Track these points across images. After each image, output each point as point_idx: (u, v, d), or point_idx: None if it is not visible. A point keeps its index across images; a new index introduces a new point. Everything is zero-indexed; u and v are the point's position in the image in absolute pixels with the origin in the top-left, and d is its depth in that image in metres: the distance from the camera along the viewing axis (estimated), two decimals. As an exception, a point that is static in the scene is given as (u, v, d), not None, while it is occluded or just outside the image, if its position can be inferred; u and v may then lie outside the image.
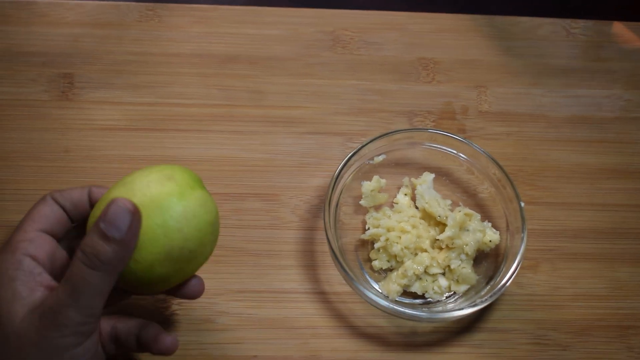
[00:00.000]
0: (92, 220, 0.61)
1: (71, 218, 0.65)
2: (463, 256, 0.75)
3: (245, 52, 0.89)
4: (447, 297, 0.76)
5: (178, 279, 0.63)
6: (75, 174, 0.81)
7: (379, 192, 0.80)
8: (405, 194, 0.81)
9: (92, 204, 0.65)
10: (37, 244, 0.61)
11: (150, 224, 0.58)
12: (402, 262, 0.75)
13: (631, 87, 0.91)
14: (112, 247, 0.55)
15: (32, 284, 0.59)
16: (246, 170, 0.82)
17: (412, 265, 0.74)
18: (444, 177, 0.82)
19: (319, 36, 0.91)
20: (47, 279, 0.60)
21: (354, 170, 0.79)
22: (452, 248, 0.76)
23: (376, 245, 0.76)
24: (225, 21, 0.91)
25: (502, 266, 0.75)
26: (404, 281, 0.74)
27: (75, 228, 0.66)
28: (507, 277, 0.72)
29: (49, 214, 0.63)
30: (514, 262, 0.72)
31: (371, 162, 0.80)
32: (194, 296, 0.66)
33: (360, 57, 0.90)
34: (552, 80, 0.91)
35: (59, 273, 0.62)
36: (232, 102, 0.86)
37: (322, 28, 0.92)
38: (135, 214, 0.56)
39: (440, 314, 0.71)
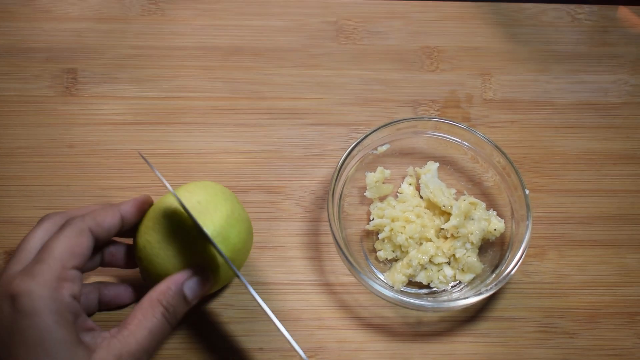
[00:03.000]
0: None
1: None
2: (468, 245, 0.75)
3: (248, 43, 0.89)
4: (452, 287, 0.76)
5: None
6: (80, 169, 0.81)
7: (384, 182, 0.80)
8: (410, 184, 0.81)
9: (124, 225, 0.67)
10: (77, 283, 0.61)
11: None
12: (406, 252, 0.75)
13: (637, 72, 0.90)
14: (186, 308, 0.63)
15: (81, 329, 0.59)
16: (250, 163, 0.82)
17: (416, 255, 0.74)
18: (449, 166, 0.82)
19: (322, 26, 0.91)
20: (89, 322, 0.61)
21: (357, 161, 0.79)
22: (457, 237, 0.75)
23: (380, 236, 0.76)
24: (229, 13, 0.91)
25: (507, 254, 0.75)
26: (409, 271, 0.74)
27: None
28: (513, 265, 0.71)
29: (86, 250, 0.63)
30: (519, 250, 0.72)
31: (375, 152, 0.80)
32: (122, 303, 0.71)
33: (364, 47, 0.90)
34: (557, 66, 0.90)
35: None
36: (236, 94, 0.86)
37: (325, 18, 0.91)
38: (208, 284, 0.65)
39: (446, 303, 0.71)
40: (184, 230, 0.64)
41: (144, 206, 0.69)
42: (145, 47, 0.88)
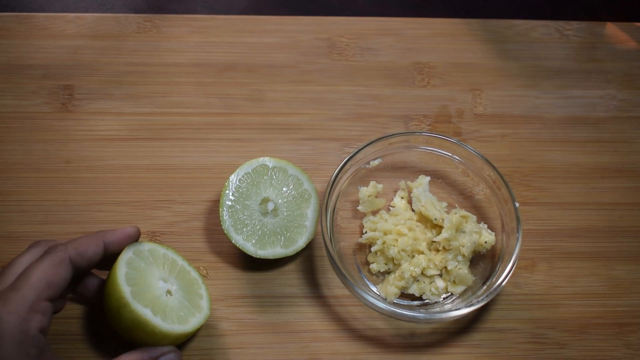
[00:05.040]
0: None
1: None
2: (459, 257, 0.76)
3: (242, 60, 0.90)
4: (444, 298, 0.77)
5: None
6: (76, 185, 0.82)
7: (376, 197, 0.81)
8: (402, 197, 0.82)
9: (106, 253, 0.67)
10: (48, 316, 0.62)
11: None
12: (399, 265, 0.76)
13: (625, 87, 0.91)
14: None
15: None
16: (245, 177, 0.83)
17: (409, 267, 0.75)
18: (440, 179, 0.83)
19: (315, 43, 0.92)
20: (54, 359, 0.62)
21: (350, 175, 0.80)
22: (448, 250, 0.76)
23: (373, 249, 0.77)
24: (223, 30, 0.92)
25: (498, 266, 0.76)
26: (402, 283, 0.75)
27: None
28: (503, 276, 0.73)
29: (63, 281, 0.63)
30: (509, 262, 0.73)
31: (367, 166, 0.81)
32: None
33: (356, 64, 0.91)
34: (546, 81, 0.91)
35: None
36: (230, 110, 0.87)
37: (318, 35, 0.93)
38: None
39: (438, 314, 0.72)
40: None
41: (130, 240, 0.69)
42: (140, 63, 0.89)
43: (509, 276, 0.73)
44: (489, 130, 0.88)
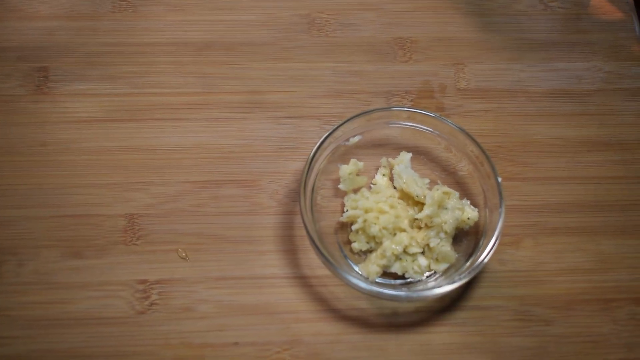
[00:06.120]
0: None
1: None
2: (442, 234, 0.75)
3: (220, 38, 0.89)
4: (427, 277, 0.76)
5: None
6: (52, 168, 0.81)
7: (357, 174, 0.79)
8: (384, 175, 0.80)
9: None
10: None
11: None
12: (380, 243, 0.75)
13: (611, 58, 0.90)
14: None
15: None
16: (223, 157, 0.82)
17: (390, 246, 0.74)
18: (422, 156, 0.82)
19: (294, 19, 0.91)
20: None
21: (330, 153, 0.78)
22: (430, 227, 0.75)
23: (354, 227, 0.76)
24: (201, 8, 0.91)
25: (481, 243, 0.74)
26: (383, 262, 0.74)
27: None
28: (486, 253, 0.71)
29: None
30: (492, 238, 0.72)
31: (347, 143, 0.80)
32: None
33: (337, 39, 0.90)
34: (531, 54, 0.90)
35: None
36: (208, 89, 0.86)
37: (297, 11, 0.91)
38: None
39: (420, 292, 0.71)
40: None
41: None
42: (116, 43, 0.88)
43: (491, 252, 0.71)
44: (473, 105, 0.86)
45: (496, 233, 0.72)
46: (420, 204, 0.77)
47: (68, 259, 0.76)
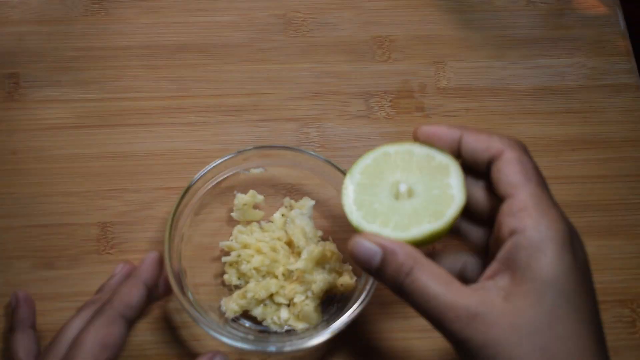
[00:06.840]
0: None
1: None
2: (309, 293, 0.70)
3: (194, 40, 0.87)
4: (286, 331, 0.71)
5: None
6: (23, 176, 0.79)
7: (255, 207, 0.76)
8: (282, 215, 0.76)
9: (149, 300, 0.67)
10: None
11: None
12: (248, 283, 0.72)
13: (595, 54, 0.88)
14: None
15: None
16: (199, 163, 0.79)
17: (255, 288, 0.70)
18: (327, 208, 0.77)
19: (270, 20, 0.89)
20: None
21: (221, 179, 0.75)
22: (302, 282, 0.70)
23: (224, 259, 0.73)
24: (175, 10, 0.89)
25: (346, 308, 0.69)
26: (243, 302, 0.70)
27: None
28: (340, 321, 0.66)
29: (119, 339, 0.63)
30: (354, 303, 0.67)
31: (247, 172, 0.76)
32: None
33: (314, 39, 0.88)
34: (512, 51, 0.88)
35: None
36: (182, 93, 0.84)
37: (273, 11, 0.89)
38: None
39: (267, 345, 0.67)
40: None
41: (158, 265, 0.68)
42: (88, 48, 0.86)
43: (344, 322, 0.66)
44: (454, 104, 0.85)
45: (357, 303, 0.67)
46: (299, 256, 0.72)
47: (40, 270, 0.75)
